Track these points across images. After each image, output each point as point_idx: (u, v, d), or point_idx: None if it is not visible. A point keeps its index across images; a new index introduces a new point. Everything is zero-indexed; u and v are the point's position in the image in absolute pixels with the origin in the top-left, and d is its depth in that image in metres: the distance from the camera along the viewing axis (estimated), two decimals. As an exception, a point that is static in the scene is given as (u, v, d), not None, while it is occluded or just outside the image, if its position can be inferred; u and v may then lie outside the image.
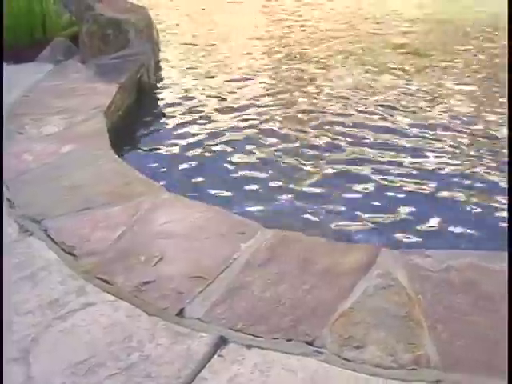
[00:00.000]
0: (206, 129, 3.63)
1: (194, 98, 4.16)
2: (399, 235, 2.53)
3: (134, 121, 3.74)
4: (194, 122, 3.75)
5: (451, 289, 1.84)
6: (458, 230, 2.57)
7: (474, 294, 1.83)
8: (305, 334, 1.71)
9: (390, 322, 1.72)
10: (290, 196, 2.85)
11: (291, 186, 2.95)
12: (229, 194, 2.86)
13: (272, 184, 2.98)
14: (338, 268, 1.96)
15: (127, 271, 1.98)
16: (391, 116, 3.84)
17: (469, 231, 2.55)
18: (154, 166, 3.11)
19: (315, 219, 2.64)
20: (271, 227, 2.22)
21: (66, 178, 2.61)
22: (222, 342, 1.69)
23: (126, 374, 1.59)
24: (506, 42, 4.77)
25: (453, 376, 1.55)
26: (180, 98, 4.18)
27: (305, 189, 2.92)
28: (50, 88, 3.88)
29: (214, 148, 3.37)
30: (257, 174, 3.09)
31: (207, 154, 3.30)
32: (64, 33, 4.91)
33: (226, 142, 3.44)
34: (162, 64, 4.99)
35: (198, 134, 3.55)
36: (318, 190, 2.90)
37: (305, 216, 2.67)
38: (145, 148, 3.40)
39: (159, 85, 4.48)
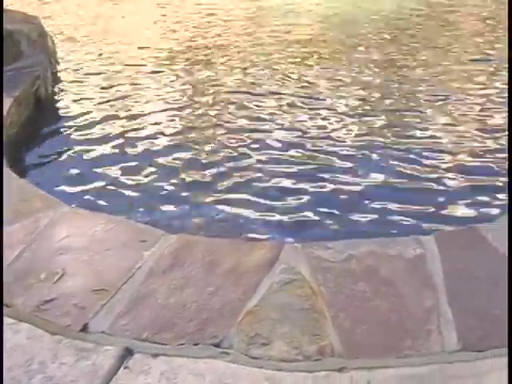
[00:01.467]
0: (106, 140, 3.56)
1: (91, 110, 4.06)
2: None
3: (31, 135, 3.60)
4: (93, 134, 3.67)
5: (352, 277, 1.89)
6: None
7: (374, 280, 1.88)
8: (212, 336, 1.71)
9: (295, 316, 1.75)
10: (196, 201, 2.85)
11: (193, 193, 2.96)
12: (131, 203, 2.83)
13: (176, 192, 2.97)
14: (242, 267, 1.97)
15: (27, 291, 1.91)
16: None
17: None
18: (53, 180, 3.01)
19: (222, 222, 2.65)
20: (177, 233, 2.21)
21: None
22: (128, 353, 1.66)
23: (28, 398, 1.54)
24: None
25: (355, 362, 1.60)
26: (78, 109, 4.07)
27: (210, 195, 2.93)
28: None
29: (115, 159, 3.31)
30: (159, 183, 3.07)
31: (109, 166, 3.24)
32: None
33: (125, 152, 3.40)
34: (61, 74, 4.85)
35: (98, 146, 3.48)
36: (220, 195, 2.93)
37: (211, 218, 2.68)
38: (43, 162, 3.29)
39: (57, 97, 4.35)
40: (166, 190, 2.99)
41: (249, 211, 2.73)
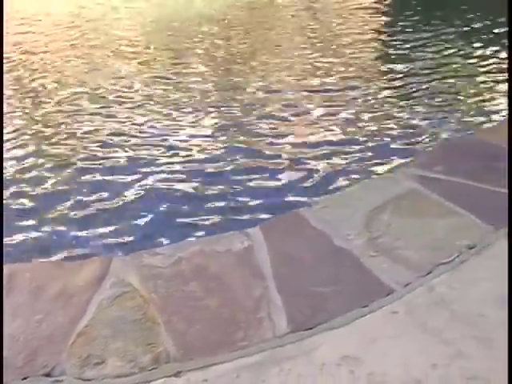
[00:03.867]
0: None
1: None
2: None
3: None
4: None
5: (183, 279, 1.89)
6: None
7: (204, 278, 1.89)
8: (42, 366, 1.62)
9: (128, 328, 1.71)
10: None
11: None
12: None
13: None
14: (71, 288, 1.89)
15: None
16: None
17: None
18: None
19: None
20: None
21: None
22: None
23: None
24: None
25: (190, 363, 1.59)
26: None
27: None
28: None
29: None
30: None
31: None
32: None
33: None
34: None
35: None
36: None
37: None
38: None
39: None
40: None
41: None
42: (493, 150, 2.68)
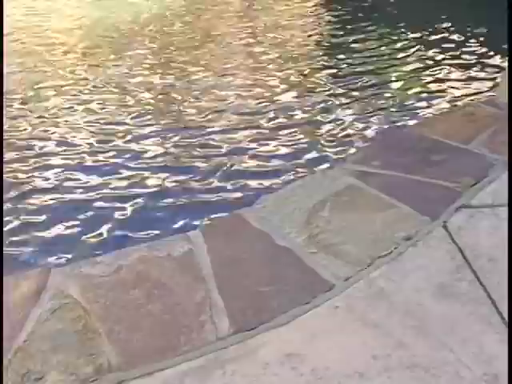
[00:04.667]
0: None
1: None
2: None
3: None
4: None
5: (124, 287, 1.86)
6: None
7: (146, 285, 1.87)
8: (-20, 385, 1.58)
9: (68, 341, 1.68)
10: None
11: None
12: None
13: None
14: (8, 304, 1.85)
15: None
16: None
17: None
18: None
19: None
20: None
21: None
22: None
23: None
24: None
25: (133, 372, 1.58)
26: None
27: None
28: None
29: None
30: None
31: None
32: None
33: None
34: None
35: None
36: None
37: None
38: None
39: None
40: None
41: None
42: (428, 143, 2.75)
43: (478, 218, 2.15)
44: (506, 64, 3.93)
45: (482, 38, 5.35)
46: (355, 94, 4.27)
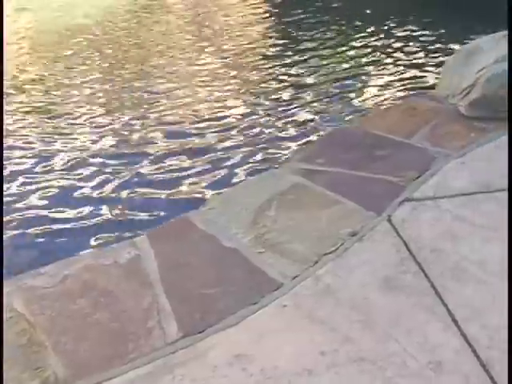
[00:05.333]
0: None
1: None
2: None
3: None
4: None
5: (70, 297, 1.83)
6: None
7: (92, 294, 1.85)
8: None
9: (13, 355, 1.64)
10: None
11: None
12: None
13: None
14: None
15: None
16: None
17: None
18: None
19: None
20: None
21: None
22: None
23: None
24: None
25: (79, 383, 1.55)
26: None
27: None
28: None
29: None
30: None
31: None
32: None
33: None
34: None
35: None
36: None
37: None
38: None
39: None
40: None
41: None
42: (372, 139, 2.79)
43: (420, 210, 2.19)
44: (445, 60, 4.02)
45: (424, 38, 5.48)
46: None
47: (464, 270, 1.86)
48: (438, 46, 5.16)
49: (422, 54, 5.05)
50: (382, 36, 5.64)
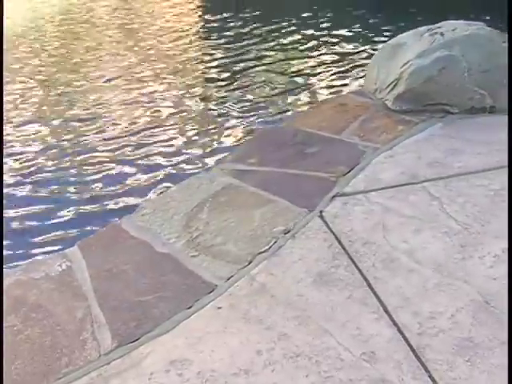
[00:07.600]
0: None
1: None
2: None
3: None
4: None
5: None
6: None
7: (23, 309, 1.80)
8: None
9: None
10: None
11: None
12: None
13: None
14: None
15: None
16: None
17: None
18: None
19: None
20: None
21: None
22: None
23: None
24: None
25: (11, 402, 1.52)
26: None
27: None
28: None
29: None
30: None
31: None
32: None
33: None
34: None
35: None
36: None
37: None
38: None
39: None
40: None
41: None
42: (302, 137, 2.82)
43: (351, 204, 2.23)
44: (370, 57, 4.09)
45: (351, 37, 5.59)
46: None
47: (394, 261, 1.90)
48: (363, 45, 5.27)
49: (349, 54, 5.14)
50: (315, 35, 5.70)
